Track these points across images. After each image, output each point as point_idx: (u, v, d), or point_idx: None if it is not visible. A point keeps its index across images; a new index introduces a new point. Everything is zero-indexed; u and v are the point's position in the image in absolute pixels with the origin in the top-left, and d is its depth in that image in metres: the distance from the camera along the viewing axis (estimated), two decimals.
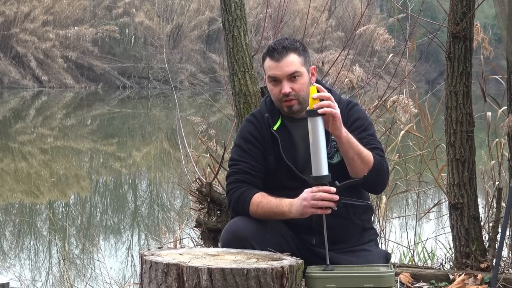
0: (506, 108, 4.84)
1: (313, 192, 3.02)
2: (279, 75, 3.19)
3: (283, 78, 3.19)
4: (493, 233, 4.80)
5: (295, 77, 3.19)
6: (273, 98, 3.27)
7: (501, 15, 4.61)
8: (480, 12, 20.34)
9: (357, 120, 3.28)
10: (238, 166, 3.26)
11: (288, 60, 3.19)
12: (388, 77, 8.02)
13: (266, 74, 3.26)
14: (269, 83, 3.25)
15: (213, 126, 6.02)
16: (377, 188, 3.35)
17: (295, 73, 3.19)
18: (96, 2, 38.23)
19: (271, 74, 3.21)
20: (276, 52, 3.19)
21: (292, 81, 3.19)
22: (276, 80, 3.21)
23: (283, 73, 3.19)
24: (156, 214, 9.59)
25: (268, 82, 3.26)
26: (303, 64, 3.21)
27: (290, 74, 3.19)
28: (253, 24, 23.32)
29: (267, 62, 3.24)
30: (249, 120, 3.35)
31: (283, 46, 3.19)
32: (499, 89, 5.51)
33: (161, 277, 2.69)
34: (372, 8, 25.14)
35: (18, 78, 33.85)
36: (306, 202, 3.03)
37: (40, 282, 6.47)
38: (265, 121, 3.29)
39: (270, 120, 3.28)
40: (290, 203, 3.11)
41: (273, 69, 3.20)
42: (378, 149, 3.25)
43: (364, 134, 3.24)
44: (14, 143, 17.01)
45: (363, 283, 2.89)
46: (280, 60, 3.19)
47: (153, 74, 36.77)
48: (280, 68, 3.19)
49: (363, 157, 3.12)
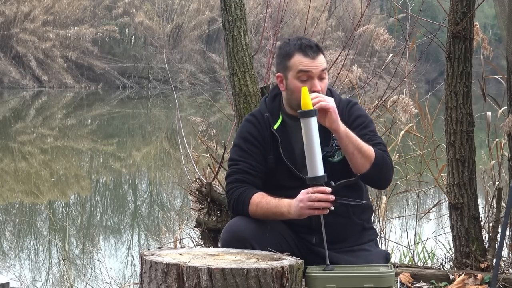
0: (506, 108, 4.83)
1: (309, 193, 3.02)
2: (315, 71, 3.20)
3: (315, 75, 3.20)
4: (493, 233, 4.80)
5: (323, 76, 3.22)
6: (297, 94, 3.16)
7: (501, 15, 4.61)
8: (480, 12, 20.36)
9: (358, 117, 3.29)
10: (238, 166, 3.26)
11: (321, 58, 3.22)
12: (388, 77, 8.02)
13: (292, 70, 3.22)
14: (296, 79, 3.21)
15: (213, 126, 6.02)
16: (381, 183, 3.35)
17: (324, 72, 3.23)
18: (96, 2, 38.21)
19: (306, 70, 3.19)
20: (311, 50, 3.20)
21: (320, 80, 3.21)
22: (309, 77, 3.20)
23: (318, 71, 3.20)
24: (156, 214, 9.59)
25: (295, 79, 3.21)
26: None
27: (322, 71, 3.21)
28: (253, 24, 23.31)
29: (298, 58, 3.21)
30: (249, 120, 3.35)
31: (315, 44, 3.23)
32: (499, 89, 5.51)
33: (161, 277, 2.69)
34: (372, 8, 25.13)
35: (18, 78, 33.84)
36: (302, 204, 3.04)
37: (40, 282, 6.47)
38: (265, 121, 3.29)
39: (270, 120, 3.28)
40: (289, 204, 3.11)
41: (309, 65, 3.19)
42: (381, 144, 3.26)
43: (365, 130, 3.26)
44: (14, 143, 17.01)
45: (363, 283, 2.89)
46: (315, 58, 3.20)
47: (153, 74, 36.76)
48: (315, 65, 3.20)
49: (364, 151, 3.13)
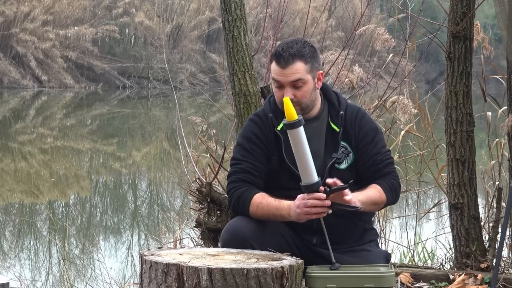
0: (506, 108, 4.83)
1: (304, 199, 3.03)
2: (283, 81, 3.21)
3: (286, 84, 3.21)
4: (493, 233, 4.80)
5: (298, 85, 3.20)
6: (276, 100, 3.29)
7: (501, 15, 4.61)
8: (480, 12, 20.32)
9: (368, 132, 3.29)
10: (240, 165, 3.26)
11: (294, 67, 3.19)
12: (388, 77, 8.01)
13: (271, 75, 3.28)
14: (273, 85, 3.27)
15: (213, 126, 6.02)
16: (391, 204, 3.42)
17: (299, 81, 3.20)
18: (96, 2, 38.19)
19: (276, 79, 3.23)
20: (282, 59, 3.20)
21: (295, 88, 3.20)
22: (279, 85, 3.23)
23: (287, 80, 3.20)
24: (156, 214, 9.59)
25: (272, 84, 3.28)
26: (308, 72, 3.21)
27: (293, 81, 3.20)
28: (253, 24, 23.33)
29: (273, 65, 3.25)
30: (253, 119, 3.35)
31: (290, 53, 3.19)
32: (499, 89, 5.50)
33: (161, 277, 2.69)
34: (372, 8, 25.13)
35: (18, 78, 33.82)
36: (299, 210, 3.06)
37: (40, 282, 6.46)
38: (268, 121, 3.30)
39: (274, 120, 3.29)
40: (288, 207, 3.11)
41: (278, 74, 3.22)
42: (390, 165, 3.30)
43: (376, 149, 3.27)
44: (14, 143, 17.00)
45: (363, 283, 2.89)
46: (286, 67, 3.19)
47: (153, 74, 36.75)
48: (284, 74, 3.20)
49: (377, 202, 3.21)
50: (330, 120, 3.28)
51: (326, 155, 3.25)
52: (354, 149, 3.27)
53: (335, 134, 3.25)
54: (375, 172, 3.27)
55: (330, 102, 3.31)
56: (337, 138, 3.24)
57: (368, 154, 3.25)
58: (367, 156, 3.27)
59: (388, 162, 3.29)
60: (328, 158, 3.24)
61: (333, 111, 3.29)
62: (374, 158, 3.25)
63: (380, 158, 3.27)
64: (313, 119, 3.28)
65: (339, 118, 3.26)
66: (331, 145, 3.25)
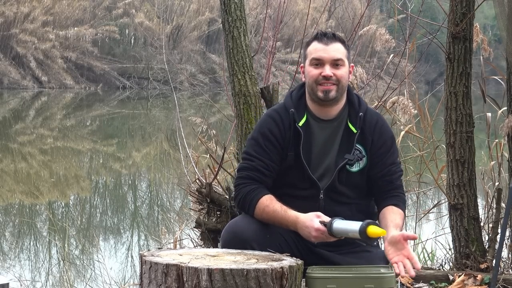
0: (506, 108, 4.84)
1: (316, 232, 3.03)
2: (325, 57, 3.22)
3: (327, 61, 3.22)
4: (492, 234, 4.80)
5: (338, 65, 3.22)
6: (309, 80, 3.24)
7: (501, 15, 4.61)
8: (479, 13, 20.32)
9: (387, 140, 3.30)
10: (252, 162, 3.23)
11: (337, 46, 3.24)
12: (388, 78, 8.02)
13: (308, 58, 3.26)
14: (310, 66, 3.25)
15: (213, 127, 6.02)
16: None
17: (339, 61, 3.23)
18: (96, 3, 38.21)
19: (316, 56, 3.23)
20: (325, 37, 3.24)
21: (335, 67, 3.22)
22: (319, 63, 3.22)
23: (329, 57, 3.22)
24: (156, 215, 9.59)
25: (309, 66, 3.25)
26: (346, 57, 3.26)
27: (335, 60, 3.22)
28: (253, 24, 23.35)
29: (313, 45, 3.26)
30: (271, 115, 3.31)
31: (333, 33, 3.26)
32: (499, 90, 5.50)
33: (161, 277, 2.69)
34: (372, 8, 25.14)
35: (18, 78, 33.84)
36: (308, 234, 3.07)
37: (40, 282, 6.46)
38: (289, 116, 3.26)
39: (296, 116, 3.26)
40: (295, 220, 3.10)
41: (320, 51, 3.23)
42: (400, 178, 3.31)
43: (392, 159, 3.29)
44: (14, 144, 17.00)
45: (363, 283, 2.89)
46: (329, 44, 3.23)
47: (153, 74, 36.77)
48: (327, 51, 3.22)
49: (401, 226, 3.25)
50: (349, 120, 3.27)
51: (338, 155, 3.24)
52: (369, 154, 3.26)
53: (351, 135, 3.23)
54: (388, 183, 3.27)
55: (351, 103, 3.31)
56: (352, 139, 3.22)
57: (384, 163, 3.25)
58: (383, 165, 3.26)
59: (400, 174, 3.31)
60: (340, 158, 3.23)
61: (352, 111, 3.28)
62: (389, 168, 3.26)
63: (394, 169, 3.28)
64: (334, 120, 3.27)
65: (357, 119, 3.25)
66: (345, 145, 3.24)
